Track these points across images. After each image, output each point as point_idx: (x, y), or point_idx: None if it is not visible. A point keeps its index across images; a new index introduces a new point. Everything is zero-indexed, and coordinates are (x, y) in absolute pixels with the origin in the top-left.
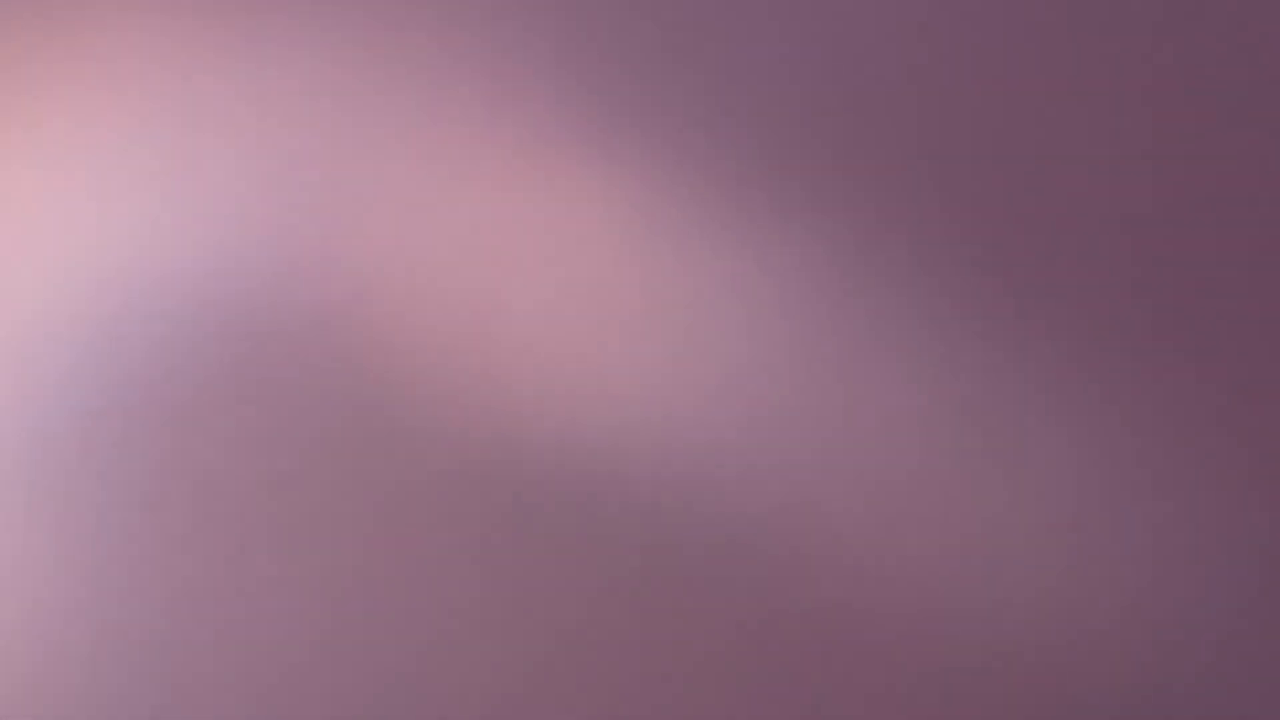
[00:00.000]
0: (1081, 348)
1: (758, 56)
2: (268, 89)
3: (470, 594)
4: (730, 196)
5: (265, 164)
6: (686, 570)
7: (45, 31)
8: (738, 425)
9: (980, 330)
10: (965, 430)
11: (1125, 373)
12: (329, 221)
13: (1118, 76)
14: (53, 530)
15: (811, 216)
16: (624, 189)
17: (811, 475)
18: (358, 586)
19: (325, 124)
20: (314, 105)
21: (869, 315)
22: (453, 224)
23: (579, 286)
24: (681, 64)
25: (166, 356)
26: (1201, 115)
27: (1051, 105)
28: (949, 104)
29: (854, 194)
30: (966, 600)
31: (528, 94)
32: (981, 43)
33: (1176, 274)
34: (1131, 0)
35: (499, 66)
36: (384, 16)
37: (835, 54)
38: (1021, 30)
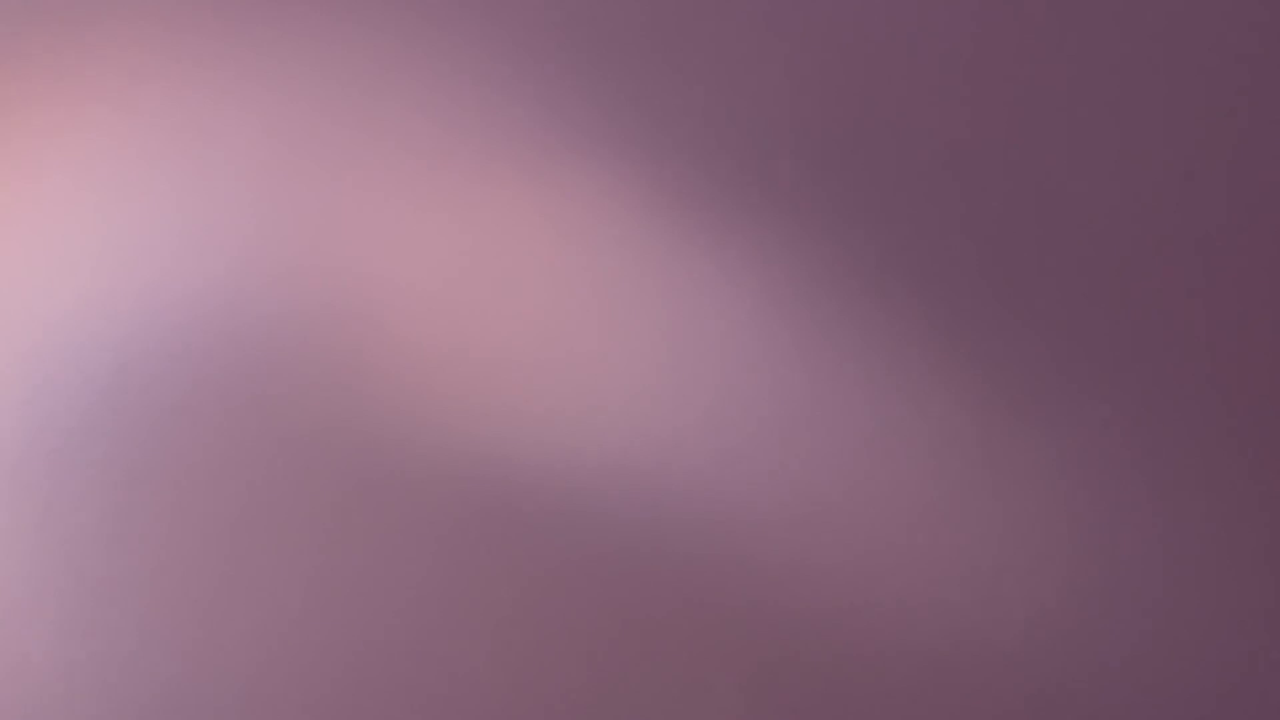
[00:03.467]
0: (1075, 356)
1: (755, 65)
2: (264, 98)
3: (462, 601)
4: (727, 205)
5: (260, 172)
6: (681, 578)
7: (43, 46)
8: (734, 430)
9: (976, 340)
10: (961, 440)
11: (1121, 377)
12: (323, 228)
13: (1113, 85)
14: (41, 532)
15: (812, 224)
16: (620, 196)
17: (810, 485)
18: (346, 594)
19: (320, 132)
20: (309, 113)
21: (868, 324)
22: (448, 231)
23: (574, 294)
24: (680, 72)
25: (160, 363)
26: (1203, 124)
27: (1046, 115)
28: (945, 115)
29: (854, 205)
30: (962, 610)
31: (525, 104)
32: (974, 53)
33: (1172, 282)
34: (1132, 13)
35: (496, 75)
36: (383, 24)
37: (833, 63)
38: (1013, 39)
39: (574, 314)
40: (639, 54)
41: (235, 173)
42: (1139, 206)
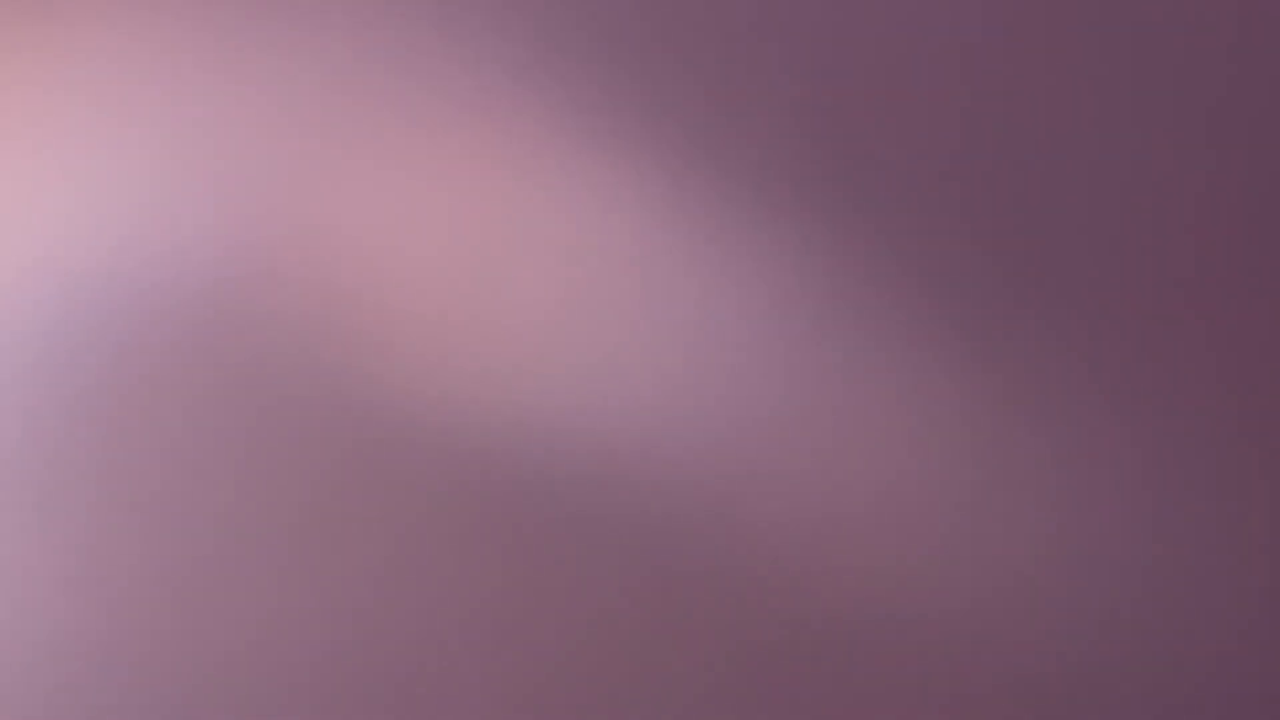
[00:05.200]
0: (1079, 349)
1: (766, 53)
2: (261, 76)
3: (457, 591)
4: (733, 193)
5: (255, 151)
6: (685, 570)
7: (33, 19)
8: (739, 417)
9: (983, 334)
10: (967, 431)
11: (1124, 374)
12: (319, 210)
13: (1121, 77)
14: (18, 517)
15: (816, 217)
16: (627, 179)
17: (814, 477)
18: (336, 577)
19: (318, 110)
20: (308, 91)
21: (874, 315)
22: (451, 208)
23: (577, 275)
24: (688, 57)
25: (153, 344)
26: (1213, 120)
27: (1051, 108)
28: (957, 111)
29: (858, 196)
30: (963, 603)
31: (525, 86)
32: (984, 49)
33: (1175, 273)
34: (1145, 9)
35: (494, 57)
36: (383, 12)
37: (838, 55)
38: (1017, 31)
39: (577, 296)
40: (648, 38)
41: (232, 151)
42: (1147, 202)
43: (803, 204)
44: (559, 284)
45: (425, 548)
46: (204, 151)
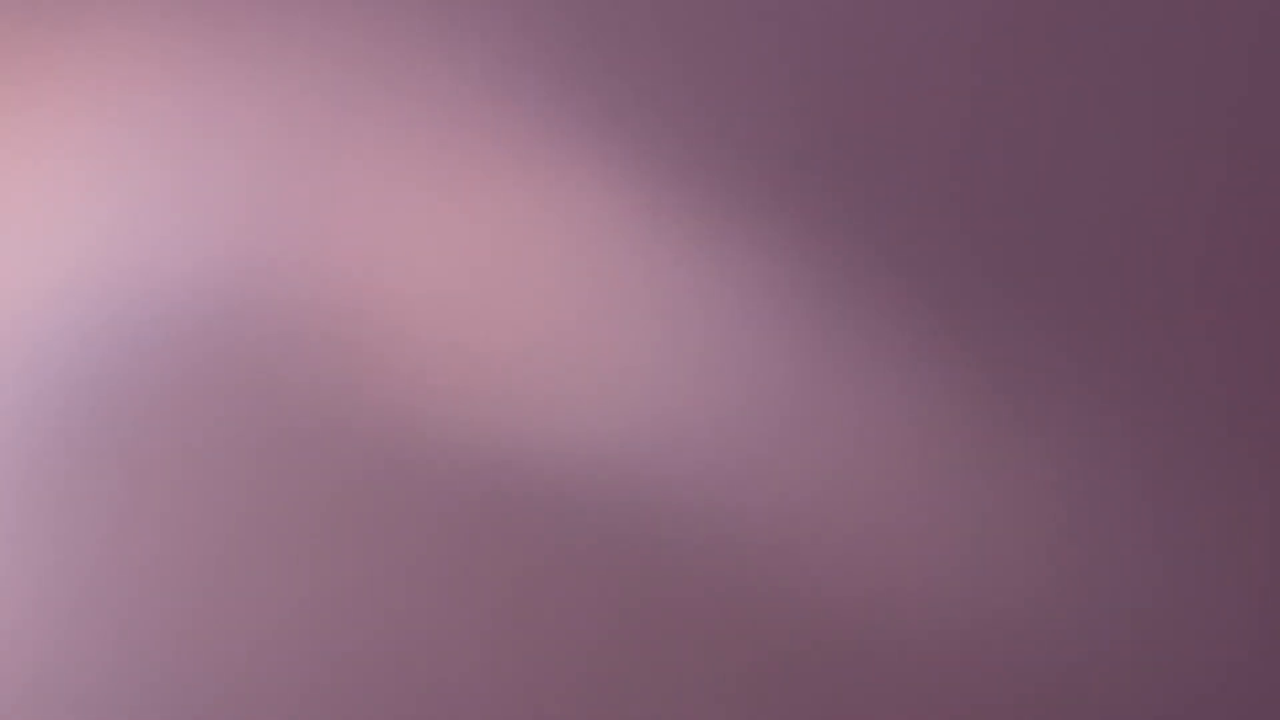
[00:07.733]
0: (1076, 350)
1: (761, 61)
2: (265, 89)
3: (465, 593)
4: (731, 201)
5: (261, 163)
6: (684, 573)
7: (40, 29)
8: (737, 425)
9: (975, 336)
10: (959, 434)
11: (1126, 379)
12: (327, 219)
13: (1120, 78)
14: (30, 519)
15: (817, 222)
16: (624, 191)
17: (809, 479)
18: (346, 588)
19: (322, 123)
20: (312, 104)
21: (871, 320)
22: (452, 223)
23: (578, 288)
24: (685, 68)
25: (162, 356)
26: (1209, 124)
27: (1051, 114)
28: (950, 113)
29: (858, 203)
30: (962, 606)
31: (525, 98)
32: (977, 51)
33: (1173, 277)
34: (1137, 11)
35: (496, 69)
36: (384, 18)
37: (839, 61)
38: (1017, 36)
39: (577, 308)
40: (645, 51)
41: (237, 163)
42: (1143, 206)
43: (806, 213)
44: (563, 297)
45: (436, 555)
46: (214, 169)
